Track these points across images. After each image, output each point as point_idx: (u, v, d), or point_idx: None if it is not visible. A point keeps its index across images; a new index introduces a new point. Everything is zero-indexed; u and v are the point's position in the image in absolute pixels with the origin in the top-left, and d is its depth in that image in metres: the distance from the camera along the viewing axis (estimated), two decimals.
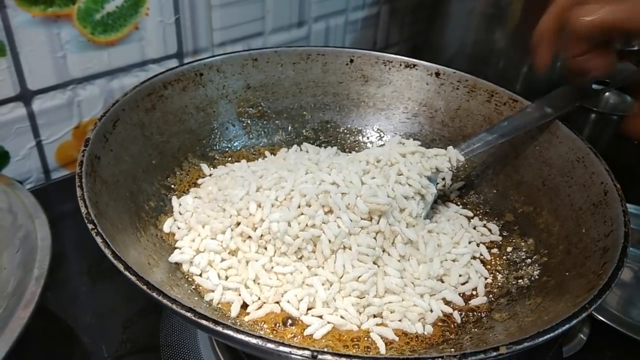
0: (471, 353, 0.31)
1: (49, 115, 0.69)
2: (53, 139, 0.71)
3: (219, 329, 0.31)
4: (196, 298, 0.46)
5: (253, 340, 0.30)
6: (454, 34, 0.90)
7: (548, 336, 0.33)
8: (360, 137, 0.70)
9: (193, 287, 0.48)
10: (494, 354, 0.31)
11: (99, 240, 0.37)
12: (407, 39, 1.12)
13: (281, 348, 0.30)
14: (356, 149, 0.69)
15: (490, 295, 0.50)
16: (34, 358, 0.50)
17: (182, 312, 0.32)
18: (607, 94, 0.93)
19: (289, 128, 0.69)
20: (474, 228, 0.59)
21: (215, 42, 0.81)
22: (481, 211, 0.62)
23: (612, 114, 0.89)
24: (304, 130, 0.70)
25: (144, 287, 0.33)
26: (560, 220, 0.53)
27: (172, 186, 0.58)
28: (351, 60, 0.70)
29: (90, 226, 0.38)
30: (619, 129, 0.87)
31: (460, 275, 0.51)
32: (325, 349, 0.36)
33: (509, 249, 0.56)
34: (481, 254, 0.55)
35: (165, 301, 0.32)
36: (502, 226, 0.59)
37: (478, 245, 0.56)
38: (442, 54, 0.92)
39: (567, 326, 0.34)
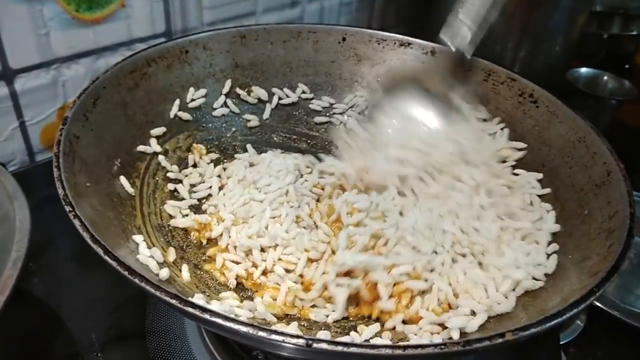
0: (476, 340, 0.29)
1: (33, 95, 0.67)
2: (37, 120, 0.70)
3: (206, 316, 0.29)
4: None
5: (243, 329, 0.28)
6: None
7: (555, 321, 0.32)
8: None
9: None
10: (500, 340, 0.29)
11: (77, 223, 0.35)
12: (403, 22, 1.10)
13: (274, 337, 0.28)
14: None
15: None
16: (18, 344, 0.49)
17: (167, 299, 0.30)
18: (605, 78, 0.92)
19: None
20: None
21: (205, 21, 0.78)
22: None
23: (610, 98, 0.88)
24: (295, 112, 0.68)
25: (125, 273, 0.31)
26: (561, 202, 0.51)
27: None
28: (344, 39, 0.67)
29: (67, 208, 0.36)
30: (617, 114, 0.87)
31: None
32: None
33: None
34: None
35: (148, 287, 0.30)
36: None
37: None
38: (439, 38, 0.91)
39: (574, 311, 0.32)
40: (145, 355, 0.49)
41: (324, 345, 0.28)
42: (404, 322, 0.43)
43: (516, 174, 0.56)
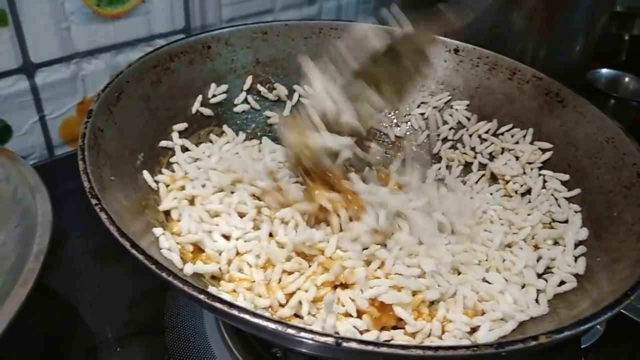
0: (508, 342, 0.28)
1: (53, 89, 0.67)
2: (57, 115, 0.70)
3: (234, 312, 0.28)
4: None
5: (271, 325, 0.28)
6: None
7: (589, 325, 0.31)
8: None
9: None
10: (534, 343, 0.29)
11: (103, 216, 0.34)
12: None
13: (303, 334, 0.27)
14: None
15: None
16: (36, 338, 0.49)
17: (195, 294, 0.29)
18: (626, 79, 0.90)
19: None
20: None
21: (224, 17, 0.78)
22: None
23: (632, 100, 0.87)
24: None
25: (153, 267, 0.31)
26: (588, 203, 0.50)
27: None
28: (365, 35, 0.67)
29: (94, 201, 0.35)
30: (638, 116, 0.85)
31: None
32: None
33: None
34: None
35: (175, 282, 0.30)
36: None
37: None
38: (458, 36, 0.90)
39: (609, 314, 0.31)
40: (163, 350, 0.49)
41: (354, 345, 0.27)
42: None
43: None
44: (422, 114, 0.66)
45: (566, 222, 0.50)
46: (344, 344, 0.27)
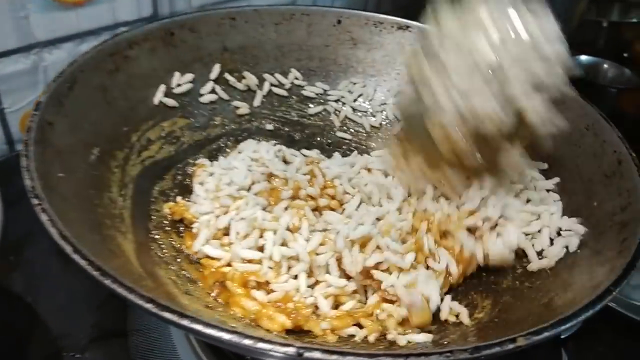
0: (485, 346, 0.26)
1: (12, 81, 0.65)
2: (17, 107, 0.67)
3: (185, 322, 0.26)
4: None
5: (226, 336, 0.25)
6: None
7: (570, 324, 0.29)
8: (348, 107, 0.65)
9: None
10: (511, 345, 0.27)
11: (44, 218, 0.32)
12: (400, 7, 1.07)
13: (260, 345, 0.25)
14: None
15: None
16: None
17: (141, 302, 0.27)
18: (605, 66, 0.89)
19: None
20: None
21: (194, 4, 0.76)
22: None
23: (611, 86, 0.86)
24: (287, 99, 0.65)
25: (96, 274, 0.28)
26: (567, 193, 0.49)
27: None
28: (339, 21, 0.64)
29: (35, 201, 0.33)
30: (617, 103, 0.85)
31: None
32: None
33: None
34: None
35: (120, 290, 0.28)
36: None
37: None
38: None
39: (590, 312, 0.30)
40: (128, 354, 0.48)
41: (317, 355, 0.25)
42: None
43: None
44: None
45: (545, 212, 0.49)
46: (306, 354, 0.25)
